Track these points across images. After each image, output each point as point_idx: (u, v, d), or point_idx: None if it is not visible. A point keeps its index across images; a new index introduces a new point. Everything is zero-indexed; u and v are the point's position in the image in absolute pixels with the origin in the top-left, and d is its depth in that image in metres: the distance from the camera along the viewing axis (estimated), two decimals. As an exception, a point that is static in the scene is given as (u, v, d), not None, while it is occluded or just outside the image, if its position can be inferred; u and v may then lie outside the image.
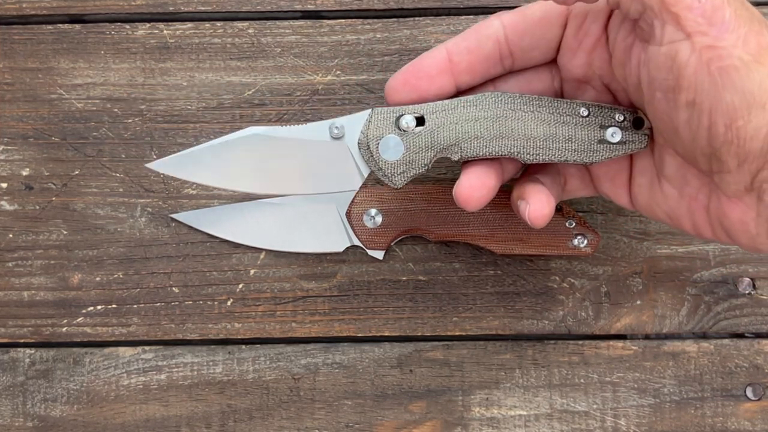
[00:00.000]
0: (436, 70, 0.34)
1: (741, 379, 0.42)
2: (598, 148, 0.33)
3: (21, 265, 0.42)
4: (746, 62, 0.27)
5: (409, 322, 0.42)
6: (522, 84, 0.35)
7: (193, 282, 0.42)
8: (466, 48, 0.33)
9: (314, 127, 0.35)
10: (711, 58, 0.27)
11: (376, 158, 0.34)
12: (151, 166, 0.36)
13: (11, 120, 0.43)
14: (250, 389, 0.42)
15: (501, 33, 0.33)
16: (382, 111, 0.34)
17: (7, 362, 0.42)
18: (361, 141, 0.34)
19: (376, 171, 0.34)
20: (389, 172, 0.34)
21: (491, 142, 0.33)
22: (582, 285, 0.42)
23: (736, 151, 0.28)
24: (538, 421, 0.42)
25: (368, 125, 0.34)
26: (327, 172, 0.36)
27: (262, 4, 0.43)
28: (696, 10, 0.27)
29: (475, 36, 0.33)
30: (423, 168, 0.34)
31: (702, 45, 0.27)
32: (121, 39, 0.43)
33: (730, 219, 0.31)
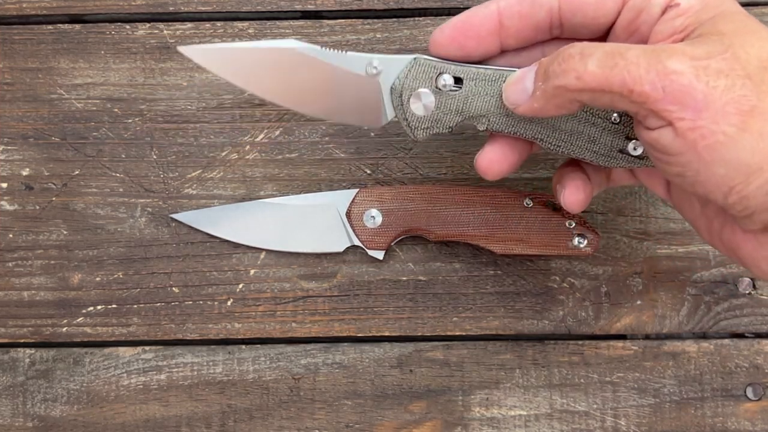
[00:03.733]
0: (486, 32, 0.33)
1: (741, 379, 0.42)
2: (617, 156, 0.33)
3: (21, 265, 0.42)
4: (731, 135, 0.26)
5: (409, 322, 0.42)
6: None
7: (193, 282, 0.42)
8: (518, 13, 0.32)
9: (352, 58, 0.34)
10: (695, 139, 0.27)
11: (405, 108, 0.33)
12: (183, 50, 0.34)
13: (11, 120, 0.43)
14: (250, 389, 0.42)
15: (555, 3, 0.32)
16: (423, 62, 0.33)
17: (7, 362, 0.42)
18: (395, 87, 0.34)
19: (401, 119, 0.34)
20: (414, 125, 0.34)
21: (519, 123, 0.33)
22: (582, 285, 0.42)
23: (740, 209, 0.28)
24: (538, 421, 0.42)
25: (407, 73, 0.33)
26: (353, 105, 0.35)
27: (262, 4, 0.43)
28: (665, 99, 0.27)
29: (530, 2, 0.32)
30: (447, 129, 0.34)
31: (683, 129, 0.27)
32: (121, 39, 0.43)
33: (743, 252, 0.30)
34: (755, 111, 0.26)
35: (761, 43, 0.27)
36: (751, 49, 0.27)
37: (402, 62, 0.34)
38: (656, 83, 0.27)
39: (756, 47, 0.27)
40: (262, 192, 0.42)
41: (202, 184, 0.42)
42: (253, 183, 0.42)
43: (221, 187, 0.42)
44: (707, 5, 0.29)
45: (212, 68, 0.35)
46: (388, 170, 0.42)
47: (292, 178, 0.42)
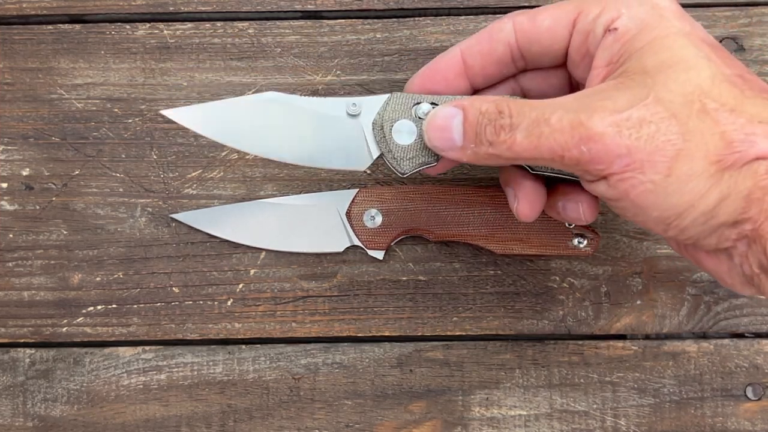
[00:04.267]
0: (452, 74, 0.34)
1: (741, 379, 0.42)
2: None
3: (21, 265, 0.42)
4: (658, 182, 0.27)
5: (409, 322, 0.42)
6: (540, 80, 0.35)
7: (193, 282, 0.42)
8: (478, 51, 0.34)
9: (332, 102, 0.35)
10: (626, 189, 0.28)
11: (388, 140, 0.34)
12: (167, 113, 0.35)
13: (11, 120, 0.43)
14: (250, 389, 0.42)
15: (512, 37, 0.33)
16: (400, 96, 0.34)
17: (7, 362, 0.42)
18: (375, 121, 0.34)
19: (386, 153, 0.34)
20: (399, 156, 0.34)
21: None
22: (582, 285, 0.42)
23: (683, 238, 0.29)
24: (538, 421, 0.42)
25: (385, 107, 0.34)
26: (337, 148, 0.35)
27: (262, 4, 0.43)
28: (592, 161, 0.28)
29: (488, 39, 0.34)
30: (432, 158, 0.34)
31: (614, 181, 0.28)
32: (121, 39, 0.43)
33: (707, 266, 0.31)
34: (681, 154, 0.27)
35: (685, 75, 0.28)
36: (674, 86, 0.27)
37: (380, 99, 0.34)
38: (581, 147, 0.28)
39: (679, 82, 0.28)
40: (262, 192, 0.42)
41: (202, 184, 0.42)
42: (253, 183, 0.42)
43: (221, 187, 0.42)
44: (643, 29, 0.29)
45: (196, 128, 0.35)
46: (388, 170, 0.42)
47: (292, 178, 0.42)
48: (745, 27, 0.42)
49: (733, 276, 0.30)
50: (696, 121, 0.27)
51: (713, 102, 0.27)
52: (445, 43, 0.42)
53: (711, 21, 0.42)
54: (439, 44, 0.42)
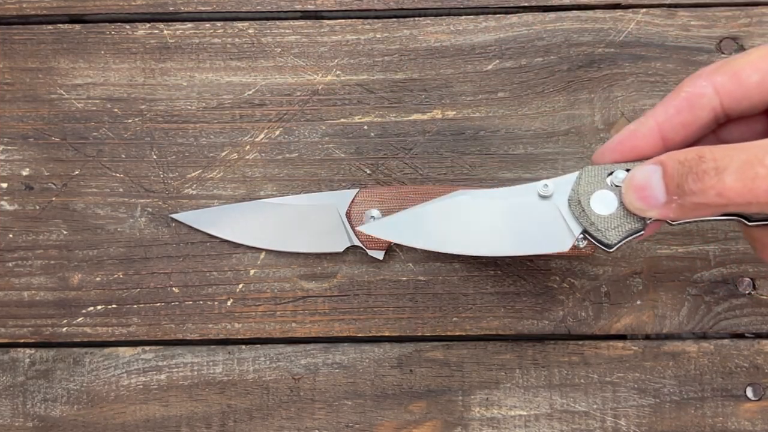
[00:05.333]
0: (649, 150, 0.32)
1: (741, 379, 0.42)
2: None
3: (21, 265, 0.42)
4: None
5: (409, 322, 0.42)
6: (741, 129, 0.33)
7: (193, 282, 0.42)
8: (680, 123, 0.31)
9: (522, 189, 0.34)
10: None
11: (588, 213, 0.33)
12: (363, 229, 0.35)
13: (11, 120, 0.43)
14: (250, 389, 0.42)
15: (716, 101, 0.31)
16: (593, 168, 0.33)
17: (7, 362, 0.42)
18: (571, 197, 0.33)
19: (588, 226, 0.33)
20: (602, 227, 0.32)
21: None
22: (582, 285, 0.42)
23: None
24: (538, 421, 0.42)
25: (578, 182, 0.33)
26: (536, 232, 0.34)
27: (262, 4, 0.43)
28: None
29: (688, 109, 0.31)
30: (638, 223, 0.32)
31: None
32: (121, 39, 0.43)
33: None
34: None
35: None
36: None
37: (571, 177, 0.33)
38: None
39: None
40: (262, 192, 0.42)
41: (202, 184, 0.42)
42: (253, 183, 0.42)
43: (221, 187, 0.42)
44: None
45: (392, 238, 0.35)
46: (388, 170, 0.42)
47: (292, 178, 0.42)
48: (745, 27, 0.42)
49: None
50: None
51: None
52: (444, 43, 0.42)
53: (711, 21, 0.42)
54: (439, 44, 0.42)
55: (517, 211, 0.34)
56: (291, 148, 0.43)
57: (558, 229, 0.34)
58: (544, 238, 0.34)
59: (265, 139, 0.43)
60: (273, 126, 0.42)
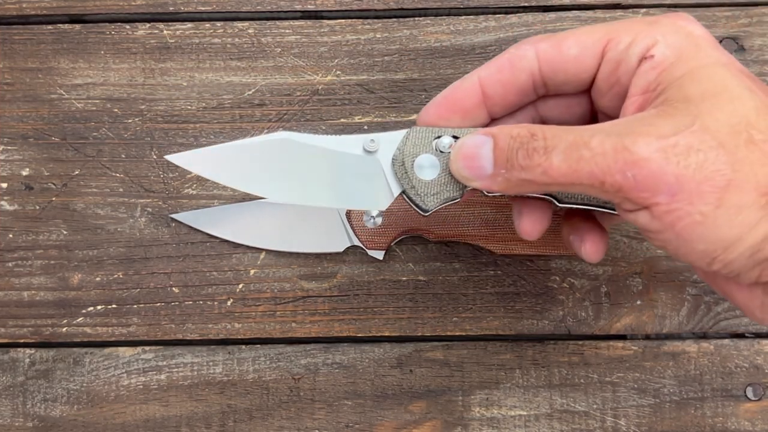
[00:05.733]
0: (471, 104, 0.33)
1: (741, 379, 0.42)
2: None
3: (21, 265, 0.42)
4: (707, 213, 0.26)
5: (409, 322, 0.42)
6: (561, 107, 0.34)
7: (193, 282, 0.42)
8: (499, 81, 0.32)
9: (348, 140, 0.34)
10: (672, 221, 0.26)
11: (410, 175, 0.33)
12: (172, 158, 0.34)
13: (11, 120, 0.43)
14: (250, 389, 0.42)
15: (535, 66, 0.32)
16: (420, 130, 0.33)
17: (7, 362, 0.42)
18: (395, 157, 0.33)
19: (409, 189, 0.33)
20: (422, 191, 0.32)
21: None
22: (582, 285, 0.42)
23: (725, 272, 0.28)
24: (538, 421, 0.42)
25: (405, 142, 0.33)
26: (356, 187, 0.34)
27: (262, 4, 0.43)
28: (636, 188, 0.26)
29: (509, 68, 0.32)
30: (457, 192, 0.32)
31: (659, 212, 0.27)
32: (121, 39, 0.43)
33: (736, 299, 0.30)
34: (731, 185, 0.26)
35: (731, 106, 0.27)
36: (721, 115, 0.26)
37: (398, 135, 0.33)
38: (625, 172, 0.26)
39: (726, 112, 0.27)
40: (262, 192, 0.42)
41: (202, 184, 0.42)
42: (253, 183, 0.42)
43: (221, 187, 0.42)
44: (681, 58, 0.28)
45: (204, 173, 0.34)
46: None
47: (292, 178, 0.42)
48: (745, 27, 0.42)
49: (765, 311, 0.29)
50: (744, 152, 0.26)
51: (760, 134, 0.26)
52: (444, 43, 0.42)
53: (711, 21, 0.42)
54: (439, 44, 0.42)
55: (340, 162, 0.33)
56: (291, 148, 0.42)
57: (378, 187, 0.34)
58: (363, 195, 0.34)
59: (265, 139, 0.42)
60: (273, 126, 0.42)
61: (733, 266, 0.27)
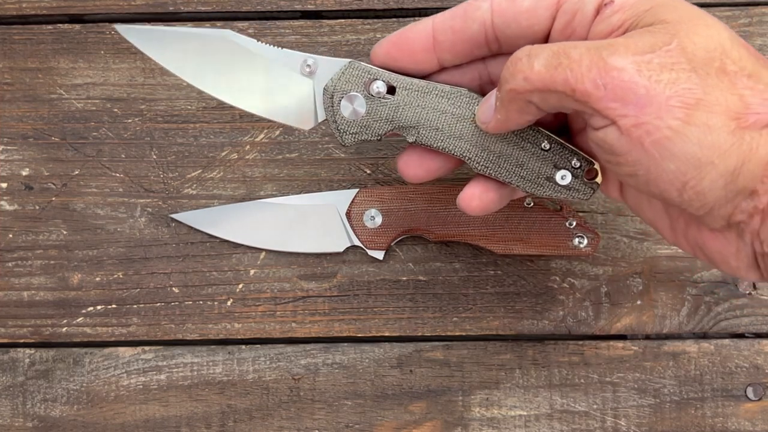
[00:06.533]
0: (420, 47, 0.33)
1: (741, 379, 0.42)
2: (544, 183, 0.33)
3: (21, 265, 0.42)
4: (676, 128, 0.26)
5: (409, 322, 0.42)
6: None
7: (193, 282, 0.42)
8: (450, 27, 0.32)
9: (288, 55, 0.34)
10: (640, 135, 0.26)
11: (335, 110, 0.33)
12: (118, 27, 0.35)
13: (11, 120, 0.43)
14: (250, 389, 0.42)
15: (488, 17, 0.32)
16: (358, 67, 0.33)
17: (7, 362, 0.42)
18: (327, 88, 0.33)
19: (331, 122, 0.33)
20: (342, 128, 0.33)
21: (448, 139, 0.33)
22: (582, 285, 0.42)
23: (698, 205, 0.27)
24: (538, 421, 0.42)
25: (340, 76, 0.33)
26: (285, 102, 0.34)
27: (262, 4, 0.43)
28: (606, 97, 0.26)
29: (462, 16, 0.32)
30: (375, 137, 0.33)
31: (627, 126, 0.26)
32: (121, 39, 0.42)
33: (710, 249, 0.30)
34: (701, 104, 0.26)
35: (708, 31, 0.27)
36: (698, 39, 0.27)
37: (337, 64, 0.33)
38: (597, 81, 0.26)
39: (703, 36, 0.27)
40: (262, 192, 0.42)
41: (202, 184, 0.42)
42: (253, 183, 0.42)
43: (221, 187, 0.42)
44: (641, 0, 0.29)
45: (148, 51, 0.34)
46: (388, 170, 0.42)
47: (292, 178, 0.42)
48: (745, 27, 0.42)
49: (740, 258, 0.29)
50: (715, 80, 0.26)
51: (733, 64, 0.26)
52: (445, 43, 0.42)
53: (711, 21, 0.42)
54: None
55: (275, 74, 0.34)
56: (291, 148, 0.42)
57: (305, 108, 0.34)
58: (290, 112, 0.34)
59: (265, 139, 0.42)
60: (273, 126, 0.42)
61: (705, 198, 0.27)
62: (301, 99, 0.34)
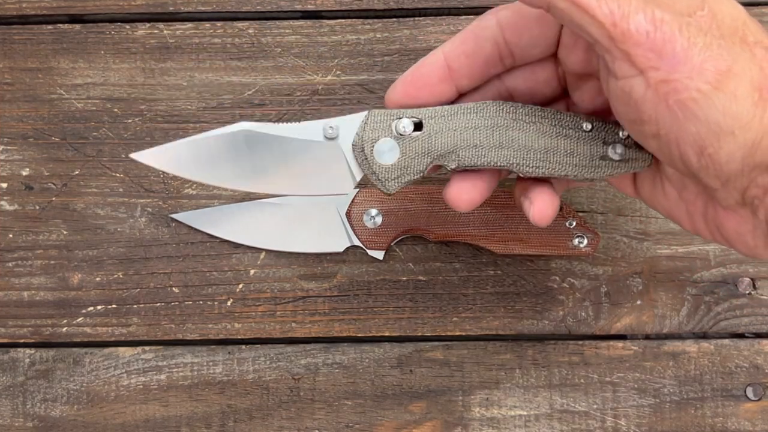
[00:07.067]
0: (436, 79, 0.32)
1: (741, 379, 0.42)
2: (600, 164, 0.32)
3: (21, 265, 0.42)
4: (705, 91, 0.26)
5: (409, 322, 0.42)
6: (527, 76, 0.34)
7: (193, 282, 0.42)
8: (463, 53, 0.32)
9: (308, 126, 0.33)
10: (667, 92, 0.26)
11: (370, 161, 0.32)
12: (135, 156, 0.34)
13: (11, 120, 0.43)
14: (250, 389, 0.42)
15: (498, 33, 0.32)
16: (379, 113, 0.32)
17: (7, 362, 0.42)
18: (355, 143, 0.33)
19: (370, 175, 0.33)
20: (383, 177, 0.32)
21: (490, 152, 0.32)
22: (582, 285, 0.42)
23: (714, 174, 0.27)
24: (538, 421, 0.42)
25: (364, 127, 0.32)
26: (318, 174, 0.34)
27: (262, 4, 0.43)
28: (644, 45, 0.26)
29: (473, 39, 0.32)
30: (418, 174, 0.32)
31: (656, 80, 0.26)
32: (121, 39, 0.43)
33: (727, 229, 0.30)
34: (731, 72, 0.26)
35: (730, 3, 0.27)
36: (724, 7, 0.27)
37: (357, 118, 0.33)
38: (642, 26, 0.26)
39: (727, 5, 0.27)
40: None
41: (202, 184, 0.42)
42: (253, 183, 0.42)
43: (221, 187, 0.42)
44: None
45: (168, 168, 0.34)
46: (388, 170, 0.42)
47: (292, 178, 0.42)
48: (746, 27, 0.42)
49: (757, 236, 0.29)
50: (739, 49, 0.26)
51: (752, 35, 0.27)
52: (445, 43, 0.42)
53: (711, 21, 0.42)
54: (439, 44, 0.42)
55: (300, 150, 0.33)
56: (291, 148, 0.42)
57: (340, 173, 0.33)
58: (327, 181, 0.34)
59: (265, 139, 0.42)
60: (273, 126, 0.42)
61: (722, 168, 0.27)
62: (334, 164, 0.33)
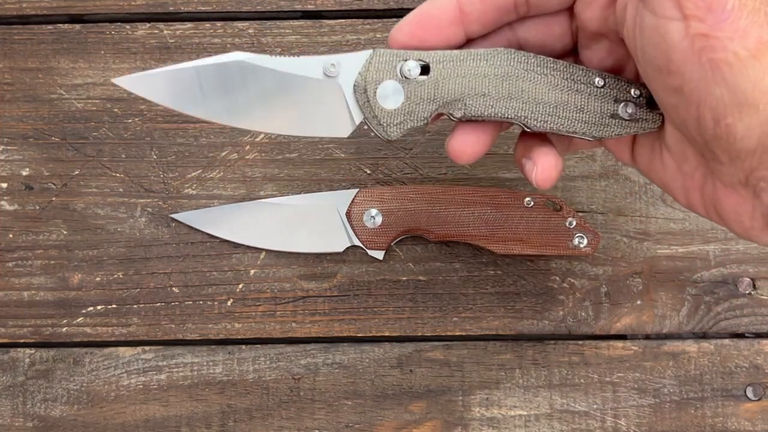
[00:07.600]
0: (447, 21, 0.30)
1: (741, 379, 0.42)
2: (609, 122, 0.31)
3: (21, 265, 0.42)
4: (741, 57, 0.25)
5: (409, 322, 0.42)
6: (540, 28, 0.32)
7: (193, 282, 0.42)
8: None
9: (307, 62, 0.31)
10: (703, 48, 0.25)
11: (373, 104, 0.30)
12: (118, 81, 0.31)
13: (11, 120, 0.43)
14: (250, 389, 0.42)
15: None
16: (384, 53, 0.30)
17: (7, 362, 0.42)
18: (357, 83, 0.31)
19: (370, 119, 0.31)
20: (385, 122, 0.31)
21: (498, 102, 0.30)
22: (582, 285, 0.42)
23: (726, 147, 0.27)
24: (538, 421, 0.42)
25: (368, 67, 0.30)
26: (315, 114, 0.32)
27: (262, 4, 0.43)
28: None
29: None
30: (421, 122, 0.31)
31: (696, 31, 0.25)
32: (121, 39, 0.43)
33: (724, 206, 0.29)
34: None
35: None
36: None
37: (361, 57, 0.31)
38: None
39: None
40: (262, 192, 0.42)
41: (202, 184, 0.42)
42: (253, 183, 0.42)
43: (221, 187, 0.42)
44: None
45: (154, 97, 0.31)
46: (388, 170, 0.42)
47: (292, 178, 0.42)
48: (746, 27, 0.42)
49: (755, 217, 0.28)
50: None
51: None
52: (445, 43, 0.42)
53: (711, 21, 0.42)
54: (439, 44, 0.42)
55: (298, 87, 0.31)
56: (291, 148, 0.43)
57: (339, 114, 0.31)
58: (324, 122, 0.32)
59: (265, 138, 0.43)
60: (273, 126, 0.42)
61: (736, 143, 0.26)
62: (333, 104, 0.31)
